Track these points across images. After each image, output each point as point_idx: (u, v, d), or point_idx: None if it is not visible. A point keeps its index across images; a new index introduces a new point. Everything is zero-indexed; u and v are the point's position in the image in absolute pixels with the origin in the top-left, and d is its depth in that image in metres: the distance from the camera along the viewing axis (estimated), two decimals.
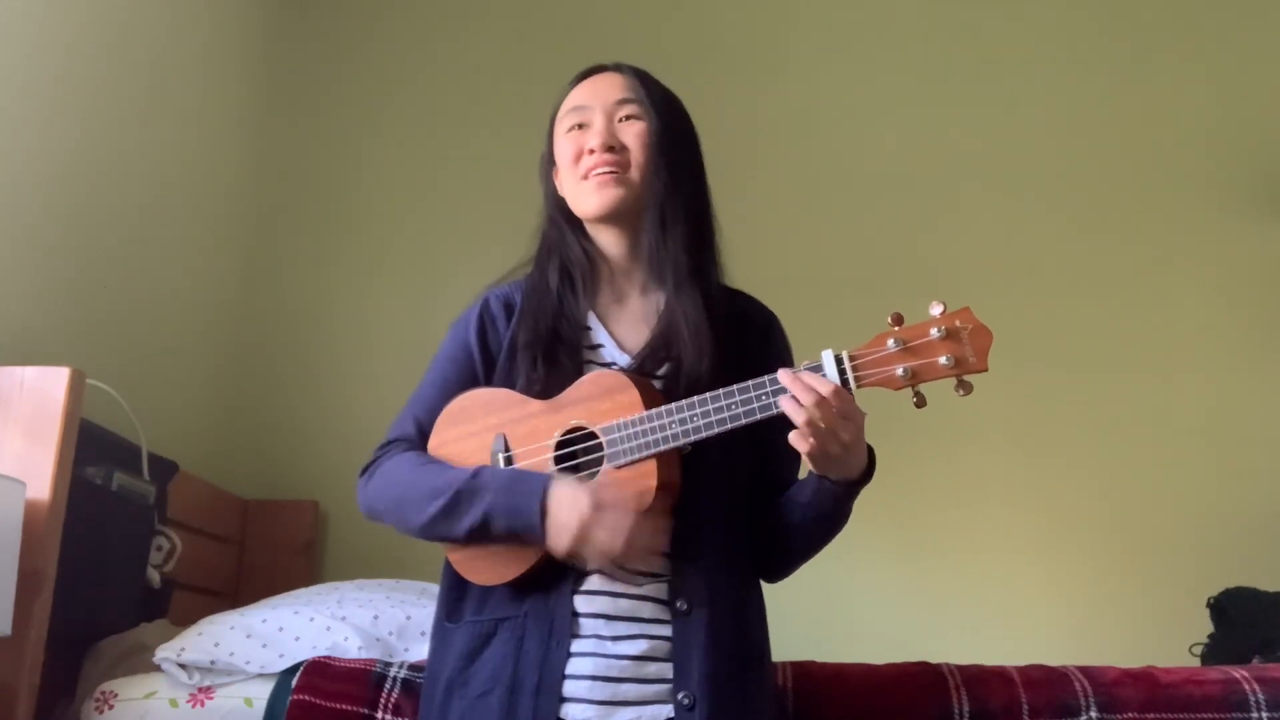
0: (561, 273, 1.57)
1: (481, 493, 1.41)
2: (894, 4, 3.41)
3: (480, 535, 1.42)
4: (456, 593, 1.50)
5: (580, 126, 1.57)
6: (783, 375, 1.35)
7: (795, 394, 1.33)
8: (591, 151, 1.54)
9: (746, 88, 3.30)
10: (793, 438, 1.34)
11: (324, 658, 1.93)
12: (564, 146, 1.58)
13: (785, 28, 3.40)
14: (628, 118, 1.56)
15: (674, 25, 3.40)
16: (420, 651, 2.02)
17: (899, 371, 1.33)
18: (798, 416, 1.33)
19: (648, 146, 1.54)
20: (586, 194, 1.54)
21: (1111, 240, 3.16)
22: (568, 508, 1.36)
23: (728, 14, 3.43)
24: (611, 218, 1.55)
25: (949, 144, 3.27)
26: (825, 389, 1.32)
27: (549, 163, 1.62)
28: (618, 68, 1.62)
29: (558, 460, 1.45)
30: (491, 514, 1.40)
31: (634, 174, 1.53)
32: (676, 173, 1.55)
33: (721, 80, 3.20)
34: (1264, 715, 1.73)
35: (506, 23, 3.46)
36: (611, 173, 1.53)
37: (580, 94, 1.59)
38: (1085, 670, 1.84)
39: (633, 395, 1.42)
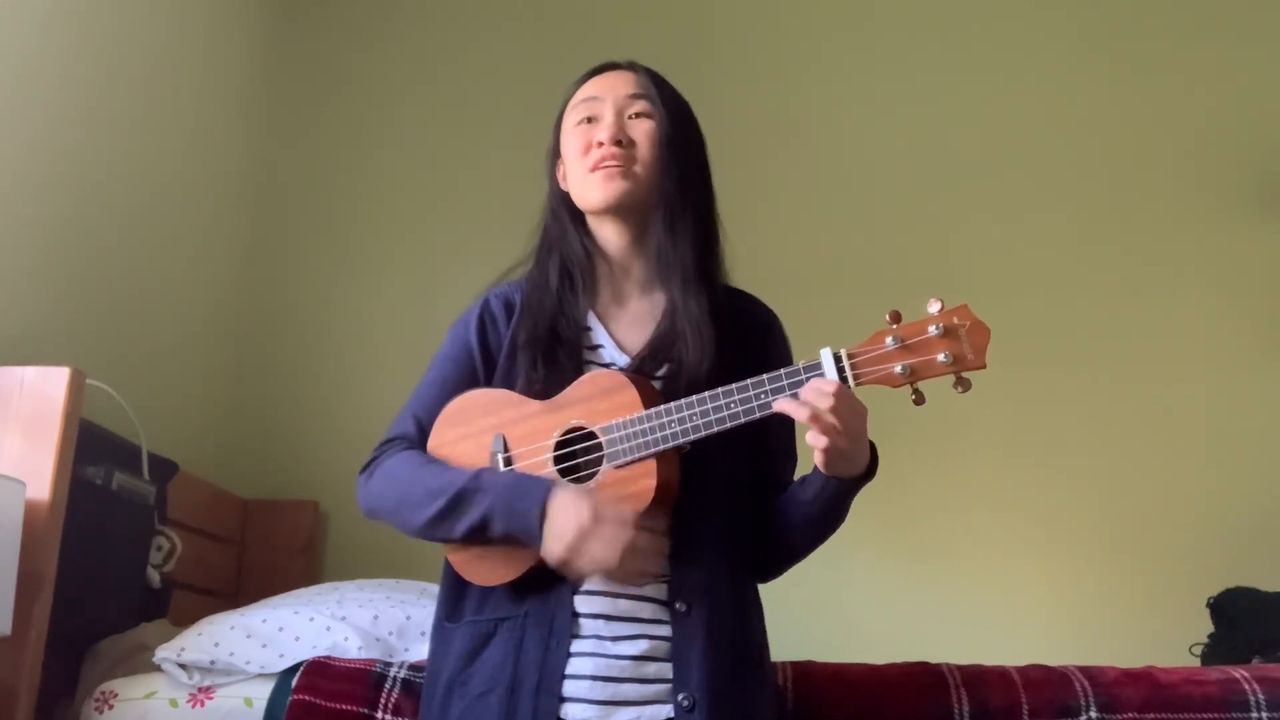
0: (561, 271, 1.57)
1: (482, 494, 1.41)
2: (895, 5, 3.41)
3: (478, 535, 1.42)
4: (456, 593, 1.50)
5: (590, 120, 1.56)
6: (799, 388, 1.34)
7: (806, 398, 1.32)
8: (600, 144, 1.53)
9: (747, 88, 3.29)
10: (810, 438, 1.34)
11: (324, 658, 1.93)
12: (572, 139, 1.57)
13: (787, 29, 3.40)
14: (638, 115, 1.55)
15: (677, 27, 3.39)
16: (420, 651, 2.02)
17: (897, 369, 1.33)
18: (799, 413, 1.32)
19: (656, 145, 1.54)
20: (593, 185, 1.53)
21: (1110, 242, 3.16)
22: (567, 516, 1.35)
23: (730, 15, 3.43)
24: (616, 210, 1.54)
25: (949, 145, 3.27)
26: (830, 388, 1.32)
27: (554, 156, 1.62)
28: (630, 65, 1.61)
29: (557, 460, 1.44)
30: (491, 516, 1.40)
31: (640, 170, 1.53)
32: (685, 173, 1.55)
33: (722, 80, 3.20)
34: (1264, 715, 1.73)
35: (511, 22, 3.45)
36: (618, 166, 1.52)
37: (591, 88, 1.59)
38: (1085, 670, 1.84)
39: (631, 395, 1.42)
